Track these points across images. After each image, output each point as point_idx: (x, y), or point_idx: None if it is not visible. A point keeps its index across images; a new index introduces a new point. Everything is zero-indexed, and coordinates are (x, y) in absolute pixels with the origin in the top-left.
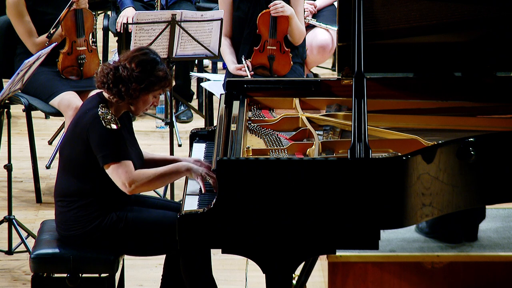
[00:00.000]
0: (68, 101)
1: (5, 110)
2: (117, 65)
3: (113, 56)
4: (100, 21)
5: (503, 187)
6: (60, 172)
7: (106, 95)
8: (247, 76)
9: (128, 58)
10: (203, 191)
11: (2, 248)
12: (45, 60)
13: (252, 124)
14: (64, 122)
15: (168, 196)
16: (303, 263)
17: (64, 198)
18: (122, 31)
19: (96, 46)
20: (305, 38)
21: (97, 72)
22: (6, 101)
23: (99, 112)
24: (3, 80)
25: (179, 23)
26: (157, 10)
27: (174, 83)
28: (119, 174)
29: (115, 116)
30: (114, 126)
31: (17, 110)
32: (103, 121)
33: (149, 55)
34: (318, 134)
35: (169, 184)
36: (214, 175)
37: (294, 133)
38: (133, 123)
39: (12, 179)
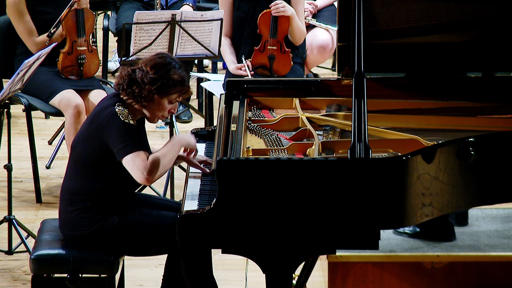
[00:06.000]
0: (68, 99)
1: (5, 110)
2: (135, 68)
3: (113, 56)
4: (100, 21)
5: (503, 187)
6: (69, 168)
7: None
8: (247, 76)
9: (146, 61)
10: (205, 171)
11: (2, 248)
12: (45, 60)
13: (252, 124)
14: (64, 122)
15: (168, 195)
16: (303, 263)
17: (70, 196)
18: None
19: (96, 46)
20: (305, 38)
21: (116, 76)
22: (6, 101)
23: (117, 109)
24: (3, 80)
25: (179, 23)
26: (157, 10)
27: None
28: (137, 164)
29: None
30: (131, 122)
31: (17, 110)
32: (120, 116)
33: (165, 59)
34: (318, 134)
35: (169, 184)
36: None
37: (294, 133)
38: None
39: (12, 179)
